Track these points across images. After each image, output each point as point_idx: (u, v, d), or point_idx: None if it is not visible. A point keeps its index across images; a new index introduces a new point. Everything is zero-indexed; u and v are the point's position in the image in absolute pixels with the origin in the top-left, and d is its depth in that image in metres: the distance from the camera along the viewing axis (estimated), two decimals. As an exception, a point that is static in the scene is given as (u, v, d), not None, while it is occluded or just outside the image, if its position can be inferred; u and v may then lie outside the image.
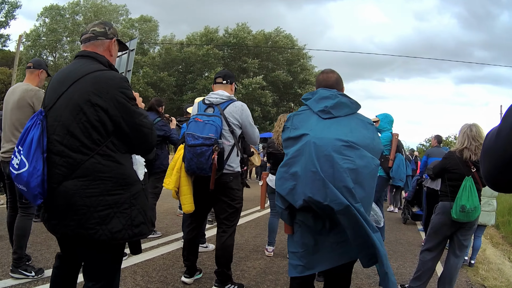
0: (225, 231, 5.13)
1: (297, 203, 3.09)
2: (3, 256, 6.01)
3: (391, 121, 7.65)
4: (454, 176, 5.43)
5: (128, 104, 2.85)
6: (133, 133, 2.89)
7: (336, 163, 2.94)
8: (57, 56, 49.11)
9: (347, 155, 2.98)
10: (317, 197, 2.94)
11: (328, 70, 3.66)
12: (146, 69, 46.07)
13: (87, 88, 2.75)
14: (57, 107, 2.81)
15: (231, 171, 4.98)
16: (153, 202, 7.74)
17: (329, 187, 2.89)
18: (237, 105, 5.04)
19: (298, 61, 51.16)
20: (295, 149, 3.19)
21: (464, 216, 5.21)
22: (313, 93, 3.45)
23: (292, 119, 3.43)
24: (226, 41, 49.65)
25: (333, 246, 3.19)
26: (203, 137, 4.65)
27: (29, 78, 5.39)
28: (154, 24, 52.18)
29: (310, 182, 2.99)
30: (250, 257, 7.16)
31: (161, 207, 9.91)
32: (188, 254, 5.42)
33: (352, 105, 3.34)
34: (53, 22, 47.31)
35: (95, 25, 3.16)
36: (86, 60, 2.96)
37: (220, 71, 5.54)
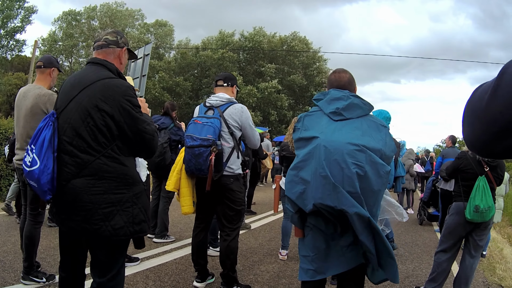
0: (228, 234, 5.18)
1: (307, 208, 3.11)
2: (15, 261, 6.05)
3: (387, 117, 7.33)
4: (467, 176, 5.45)
5: (133, 111, 3.05)
6: (136, 138, 3.10)
7: (345, 167, 2.93)
8: (72, 61, 49.20)
9: (357, 159, 2.96)
10: (328, 201, 2.95)
11: (340, 69, 3.64)
12: (162, 74, 45.99)
13: (96, 94, 2.98)
14: (68, 110, 3.03)
15: (231, 173, 5.03)
16: (166, 206, 7.81)
17: (340, 191, 2.90)
18: (237, 107, 5.11)
19: (313, 64, 50.92)
20: (305, 152, 3.19)
21: (478, 216, 5.22)
22: (325, 93, 3.44)
23: (303, 120, 3.42)
24: (242, 45, 49.57)
25: (343, 249, 3.17)
26: (201, 138, 4.74)
27: (40, 78, 5.36)
28: (170, 29, 52.08)
29: (320, 186, 2.99)
30: (264, 260, 7.21)
31: (176, 211, 9.96)
32: (197, 258, 5.46)
33: (364, 106, 3.32)
34: (69, 27, 47.39)
35: (108, 33, 3.37)
36: (97, 67, 3.19)
37: (221, 73, 5.58)
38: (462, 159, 5.56)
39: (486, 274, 7.49)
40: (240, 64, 50.44)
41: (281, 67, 49.23)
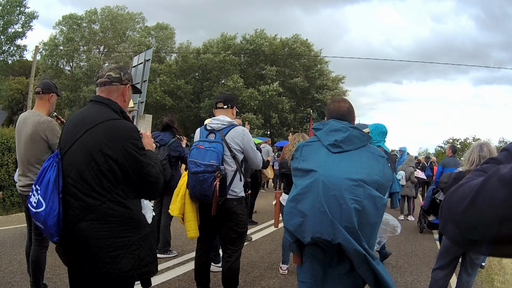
0: (230, 256, 5.23)
1: (305, 240, 3.15)
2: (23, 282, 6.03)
3: (383, 132, 7.45)
4: None
5: (137, 155, 3.04)
6: (140, 181, 3.09)
7: (343, 203, 2.96)
8: (73, 65, 49.21)
9: (355, 195, 2.98)
10: (326, 236, 2.99)
11: (339, 98, 3.66)
12: (163, 77, 46.05)
13: (100, 137, 2.96)
14: (72, 151, 3.01)
15: (234, 196, 5.07)
16: (168, 222, 7.82)
17: (337, 227, 2.94)
18: (238, 130, 5.12)
19: (315, 67, 50.85)
20: (303, 184, 3.19)
21: None
22: (324, 123, 3.42)
23: (301, 150, 3.42)
24: (243, 48, 49.54)
25: (340, 276, 3.22)
26: (205, 164, 4.75)
27: (39, 104, 5.34)
28: (171, 32, 52.02)
29: (318, 221, 3.03)
30: (264, 275, 7.21)
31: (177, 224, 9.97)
32: (200, 278, 5.49)
33: (363, 137, 3.31)
34: (70, 31, 47.30)
35: (111, 69, 3.33)
36: (101, 107, 3.17)
37: (221, 95, 5.68)
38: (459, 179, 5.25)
39: (485, 286, 7.52)
40: (241, 67, 50.44)
41: (283, 70, 49.19)
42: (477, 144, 5.50)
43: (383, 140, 7.38)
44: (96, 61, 47.17)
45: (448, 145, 13.63)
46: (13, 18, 35.93)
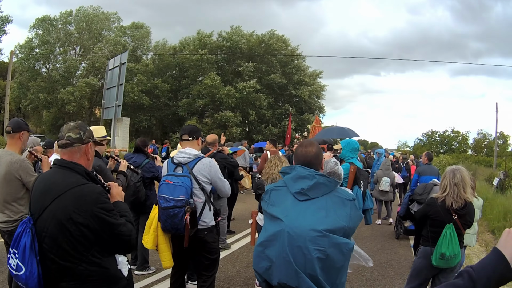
0: (205, 281, 5.39)
1: (273, 282, 3.22)
2: None
3: (355, 148, 7.54)
4: (435, 223, 5.51)
5: (107, 218, 3.08)
6: (113, 241, 3.16)
7: (307, 253, 3.01)
8: (50, 67, 48.80)
9: (319, 245, 3.02)
10: (291, 283, 3.06)
11: (306, 143, 3.66)
12: (140, 77, 45.91)
13: (68, 206, 2.98)
14: (43, 219, 3.04)
15: (205, 226, 5.18)
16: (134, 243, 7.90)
17: (301, 276, 3.01)
18: (205, 162, 5.24)
19: (292, 63, 50.98)
20: (270, 232, 3.24)
21: (444, 263, 5.38)
22: (291, 168, 3.46)
23: (270, 194, 3.46)
24: (220, 45, 49.45)
25: None
26: (175, 199, 4.87)
27: (10, 143, 5.36)
28: (146, 31, 51.78)
29: (284, 269, 3.09)
30: (240, 292, 7.21)
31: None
32: None
33: (330, 184, 3.31)
34: (46, 33, 46.88)
35: (70, 129, 3.29)
36: (65, 172, 3.18)
37: (185, 127, 5.73)
38: (431, 205, 5.59)
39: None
40: (218, 64, 50.40)
41: (260, 66, 49.23)
42: (450, 170, 5.58)
43: (355, 156, 7.47)
44: (73, 62, 46.97)
45: (424, 153, 13.74)
46: (-13, 23, 35.66)
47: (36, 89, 45.20)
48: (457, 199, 5.32)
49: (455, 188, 5.35)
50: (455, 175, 5.41)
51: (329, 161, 5.52)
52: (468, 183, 5.47)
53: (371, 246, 10.89)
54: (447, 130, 79.23)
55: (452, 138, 78.56)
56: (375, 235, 12.33)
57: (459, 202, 5.32)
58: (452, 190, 5.36)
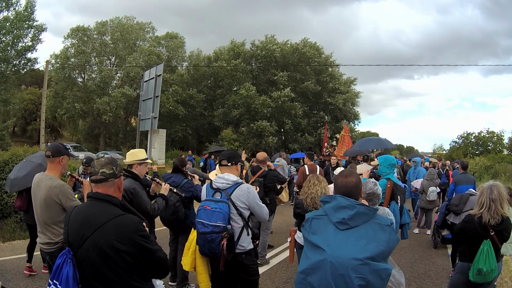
0: None
1: None
2: None
3: (392, 164, 7.43)
4: (472, 239, 5.43)
5: (147, 245, 3.26)
6: (152, 266, 3.36)
7: (349, 282, 3.09)
8: (86, 77, 49.46)
9: (361, 273, 3.09)
10: None
11: (347, 172, 3.69)
12: (175, 87, 46.03)
13: (110, 235, 3.15)
14: (85, 249, 3.18)
15: (242, 250, 5.15)
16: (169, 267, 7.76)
17: None
18: (243, 188, 5.19)
19: (326, 70, 50.65)
20: (313, 260, 3.31)
21: (481, 278, 5.33)
22: (332, 197, 3.51)
23: (310, 223, 3.52)
24: (254, 54, 49.42)
25: None
26: (212, 225, 4.89)
27: (50, 167, 5.44)
28: (181, 41, 52.09)
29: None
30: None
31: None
32: None
33: (370, 212, 3.38)
34: (81, 43, 47.47)
35: (103, 166, 3.48)
36: (103, 204, 3.36)
37: (225, 152, 5.71)
38: (469, 222, 5.51)
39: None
40: (252, 74, 50.34)
41: (294, 75, 49.08)
42: (487, 186, 5.47)
43: (392, 172, 7.35)
44: (108, 72, 47.36)
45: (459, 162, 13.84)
46: (22, 32, 36.00)
47: (72, 99, 45.74)
48: (494, 215, 5.26)
49: (492, 204, 5.28)
50: (492, 191, 5.32)
51: (368, 182, 5.44)
52: (505, 198, 5.40)
53: (409, 257, 10.81)
54: (482, 131, 78.16)
55: (487, 139, 76.94)
56: (412, 245, 12.15)
57: (496, 218, 5.26)
58: (489, 206, 5.29)
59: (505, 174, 30.34)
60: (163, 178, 7.86)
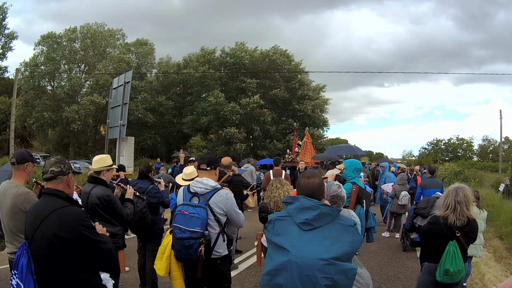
0: None
1: None
2: None
3: (357, 169, 7.55)
4: (438, 240, 5.53)
5: (88, 235, 3.52)
6: (95, 257, 3.61)
7: (316, 282, 3.13)
8: (55, 85, 49.26)
9: (326, 273, 3.13)
10: None
11: (309, 173, 3.71)
12: (144, 95, 46.05)
13: (53, 224, 3.45)
14: (35, 240, 3.50)
15: (218, 256, 5.15)
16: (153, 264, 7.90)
17: None
18: (222, 194, 5.18)
19: (295, 77, 51.03)
20: (278, 262, 3.32)
21: (448, 278, 5.43)
22: (294, 198, 3.52)
23: (273, 224, 3.52)
24: (223, 61, 49.59)
25: None
26: (190, 231, 4.86)
27: (16, 175, 5.38)
28: (150, 48, 52.17)
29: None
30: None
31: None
32: None
33: (333, 213, 3.39)
34: (51, 50, 47.21)
35: (52, 165, 3.81)
36: (51, 198, 3.68)
37: (204, 156, 5.69)
38: (434, 224, 5.59)
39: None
40: (222, 81, 50.51)
41: (263, 82, 49.38)
42: (453, 188, 5.57)
43: (357, 176, 7.49)
44: (77, 80, 47.29)
45: (427, 167, 14.38)
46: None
47: (41, 107, 45.53)
48: (459, 217, 5.35)
49: (457, 206, 5.37)
50: (458, 193, 5.42)
51: (332, 185, 5.50)
52: (471, 200, 5.51)
53: (378, 260, 10.96)
54: (452, 138, 79.24)
55: (457, 146, 78.35)
56: (382, 248, 12.35)
57: (461, 219, 5.36)
58: (454, 208, 5.39)
59: (475, 180, 30.73)
60: (130, 184, 7.47)
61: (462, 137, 79.31)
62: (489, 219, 12.88)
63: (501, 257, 11.75)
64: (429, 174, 12.87)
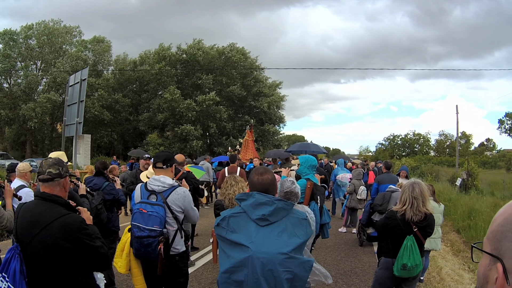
0: None
1: None
2: None
3: (313, 166, 7.49)
4: (395, 235, 5.58)
5: (90, 243, 3.62)
6: (94, 261, 3.74)
7: (277, 276, 3.20)
8: (12, 83, 49.21)
9: (287, 267, 3.22)
10: None
11: (261, 170, 3.76)
12: (100, 92, 46.51)
13: (56, 234, 3.48)
14: (33, 245, 3.54)
15: (176, 252, 5.23)
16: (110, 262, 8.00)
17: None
18: (179, 191, 5.23)
19: (251, 74, 52.05)
20: (237, 258, 3.32)
21: (406, 273, 5.50)
22: (248, 195, 3.53)
23: (228, 220, 3.47)
24: (179, 58, 50.42)
25: None
26: (149, 229, 4.88)
27: None
28: (107, 45, 52.54)
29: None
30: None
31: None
32: None
33: (288, 207, 3.46)
34: (7, 47, 47.02)
35: (50, 166, 3.76)
36: (49, 204, 3.67)
37: (160, 154, 5.71)
38: (391, 219, 5.64)
39: (425, 300, 7.62)
40: (177, 78, 51.29)
41: (219, 79, 50.31)
42: (409, 183, 5.61)
43: (312, 172, 7.45)
44: (34, 77, 47.23)
45: (383, 162, 14.58)
46: None
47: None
48: (416, 212, 5.38)
49: (414, 201, 5.40)
50: (414, 189, 5.45)
51: (285, 181, 5.27)
52: (427, 196, 5.56)
53: (335, 255, 10.94)
54: (409, 133, 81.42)
55: (414, 141, 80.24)
56: (338, 244, 12.37)
57: (418, 215, 5.38)
58: (411, 204, 5.41)
59: (432, 175, 31.92)
60: (85, 181, 7.84)
61: (419, 132, 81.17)
62: (446, 213, 13.16)
63: (459, 251, 12.00)
64: (385, 169, 12.91)
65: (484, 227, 12.71)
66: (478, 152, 76.87)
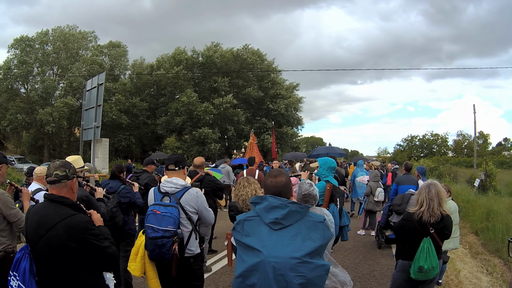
0: None
1: None
2: None
3: (332, 167, 7.50)
4: (412, 237, 5.56)
5: (96, 243, 3.68)
6: (101, 261, 3.80)
7: (289, 281, 3.12)
8: (28, 88, 49.62)
9: (300, 272, 3.13)
10: None
11: (275, 172, 3.68)
12: (118, 96, 46.93)
13: (62, 234, 3.55)
14: (41, 246, 3.62)
15: (191, 254, 5.25)
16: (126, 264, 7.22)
17: None
18: (192, 192, 5.28)
19: (268, 77, 52.37)
20: (250, 263, 3.29)
21: (422, 275, 5.49)
22: (262, 198, 3.47)
23: (242, 224, 3.46)
24: (195, 62, 50.76)
25: None
26: (163, 230, 4.92)
27: None
28: (123, 49, 53.00)
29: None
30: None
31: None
32: None
33: (302, 210, 3.38)
34: (23, 53, 47.42)
35: (57, 168, 3.81)
36: (56, 206, 3.73)
37: (171, 157, 5.78)
38: (407, 220, 5.63)
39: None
40: (194, 81, 51.74)
41: (235, 81, 50.64)
42: (425, 185, 5.61)
43: (331, 174, 7.45)
44: (51, 82, 47.57)
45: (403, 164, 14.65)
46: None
47: (14, 110, 45.59)
48: (433, 213, 5.38)
49: (430, 203, 5.39)
50: (430, 190, 5.45)
51: (304, 183, 5.29)
52: (443, 197, 5.53)
53: (353, 258, 10.91)
54: (427, 134, 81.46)
55: (431, 142, 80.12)
56: (357, 246, 12.32)
57: (435, 216, 5.38)
58: (427, 205, 5.40)
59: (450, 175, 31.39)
60: (101, 184, 7.92)
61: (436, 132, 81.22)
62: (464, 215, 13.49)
63: (477, 253, 11.90)
64: (405, 170, 12.81)
65: (502, 229, 12.90)
66: (495, 152, 76.69)
